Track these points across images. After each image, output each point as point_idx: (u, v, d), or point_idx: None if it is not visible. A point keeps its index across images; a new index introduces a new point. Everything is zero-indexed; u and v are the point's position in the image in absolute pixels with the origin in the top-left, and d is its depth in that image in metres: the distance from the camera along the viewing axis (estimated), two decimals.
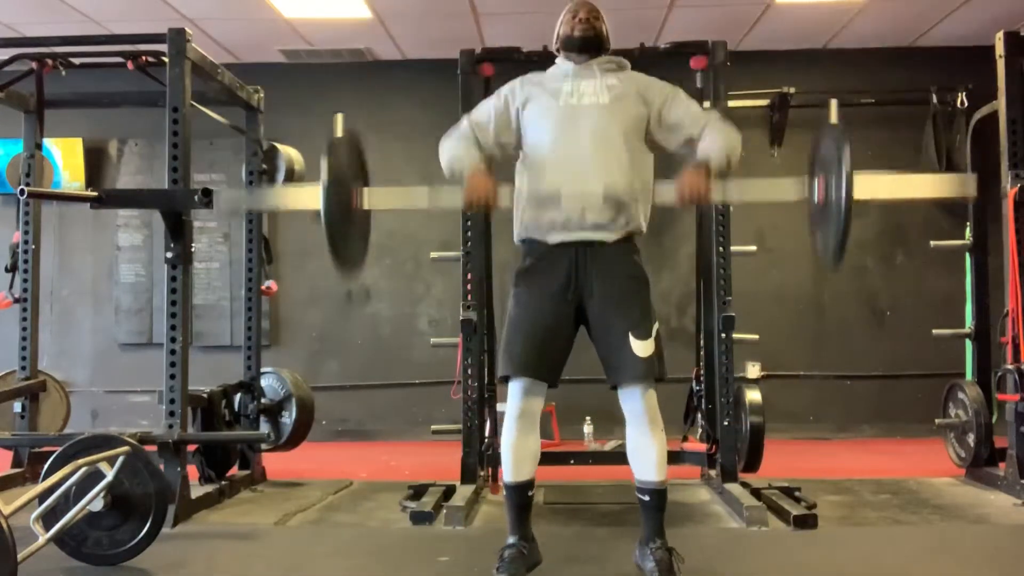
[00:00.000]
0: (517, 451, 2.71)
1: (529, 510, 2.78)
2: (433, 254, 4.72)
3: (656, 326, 2.74)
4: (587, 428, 5.90)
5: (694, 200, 2.70)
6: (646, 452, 2.69)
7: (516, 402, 2.71)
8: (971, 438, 4.46)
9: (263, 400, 4.71)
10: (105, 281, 6.71)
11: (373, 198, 2.75)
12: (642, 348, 2.67)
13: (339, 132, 2.66)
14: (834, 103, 2.64)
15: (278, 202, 3.56)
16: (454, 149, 2.83)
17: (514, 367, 2.70)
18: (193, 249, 3.92)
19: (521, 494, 2.74)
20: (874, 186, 2.62)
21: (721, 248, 4.10)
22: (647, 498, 2.71)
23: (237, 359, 4.76)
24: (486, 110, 2.90)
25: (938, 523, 3.65)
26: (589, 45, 2.86)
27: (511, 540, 2.73)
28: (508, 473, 2.74)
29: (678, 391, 4.37)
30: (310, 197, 2.58)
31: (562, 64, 2.90)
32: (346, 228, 2.69)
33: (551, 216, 2.73)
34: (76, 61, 4.33)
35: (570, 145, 2.74)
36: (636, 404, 2.68)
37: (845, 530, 3.51)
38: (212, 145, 6.29)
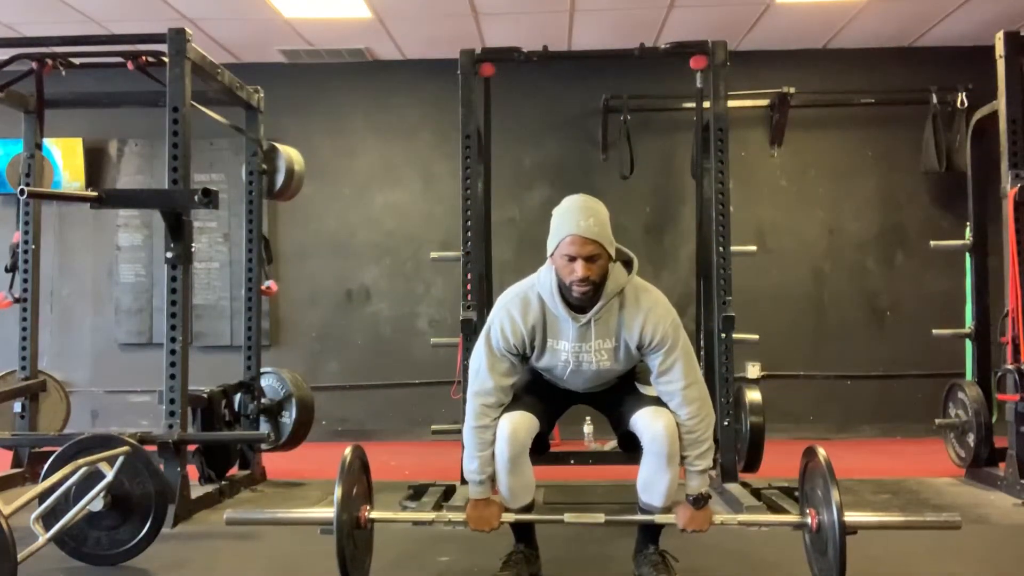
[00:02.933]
0: (513, 483, 2.71)
1: (532, 526, 2.84)
2: (433, 254, 4.72)
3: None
4: (587, 428, 5.89)
5: (695, 531, 2.67)
6: (657, 484, 2.67)
7: (505, 432, 2.65)
8: (971, 438, 4.46)
9: (263, 400, 4.71)
10: (105, 281, 6.71)
11: (378, 515, 2.77)
12: (647, 390, 2.73)
13: (348, 458, 2.64)
14: (821, 451, 2.62)
15: (288, 517, 3.63)
16: (471, 456, 2.71)
17: (512, 406, 2.71)
18: (193, 249, 3.92)
19: (522, 512, 2.76)
20: (864, 522, 2.74)
21: (721, 248, 4.10)
22: (648, 516, 2.72)
23: (237, 359, 4.77)
24: (496, 363, 2.68)
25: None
26: (586, 304, 2.59)
27: (518, 547, 2.80)
28: (507, 502, 2.74)
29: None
30: (323, 513, 2.65)
31: (559, 305, 2.61)
32: (354, 545, 2.67)
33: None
34: (76, 61, 4.33)
35: (574, 380, 2.78)
36: (656, 429, 2.60)
37: None
38: (212, 145, 6.29)
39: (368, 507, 2.73)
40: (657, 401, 2.68)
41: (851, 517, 2.58)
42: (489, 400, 2.68)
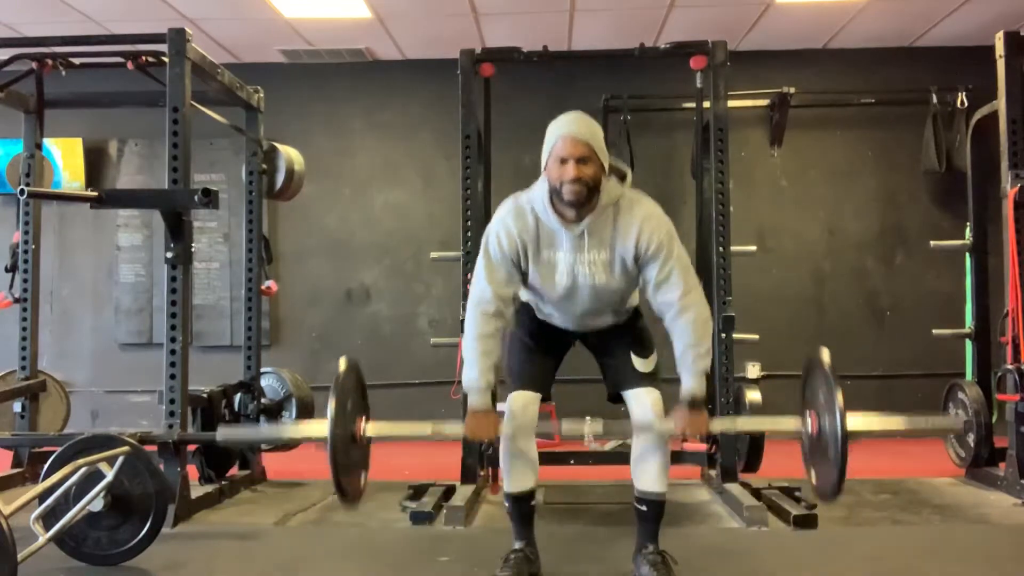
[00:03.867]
0: (516, 464, 2.75)
1: (532, 519, 2.82)
2: (433, 254, 4.72)
3: (656, 356, 2.80)
4: (587, 428, 5.90)
5: (693, 437, 2.74)
6: (649, 463, 2.71)
7: (511, 412, 2.72)
8: (971, 438, 4.46)
9: (263, 400, 4.71)
10: (105, 281, 6.71)
11: (376, 428, 2.81)
12: (643, 364, 2.76)
13: (343, 367, 2.67)
14: (825, 351, 2.64)
15: (282, 435, 3.65)
16: (471, 360, 2.69)
17: (515, 383, 2.79)
18: (193, 249, 3.91)
19: (523, 504, 2.78)
20: (866, 423, 2.77)
21: (721, 248, 4.10)
22: (644, 508, 2.73)
23: (237, 359, 4.76)
24: (494, 271, 2.68)
25: (938, 523, 3.65)
26: (578, 207, 2.58)
27: (517, 545, 2.78)
28: (509, 485, 2.76)
29: (678, 391, 4.37)
30: (316, 429, 2.66)
31: (552, 222, 2.63)
32: (349, 459, 2.70)
33: (556, 323, 2.87)
34: (76, 61, 4.33)
35: (571, 306, 2.76)
36: (644, 409, 2.70)
37: (845, 530, 3.51)
38: (212, 145, 6.29)
39: (364, 420, 2.74)
40: (649, 379, 2.74)
41: (853, 419, 2.60)
42: (488, 308, 2.66)
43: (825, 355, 2.62)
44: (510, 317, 2.75)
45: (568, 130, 2.56)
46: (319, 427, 2.61)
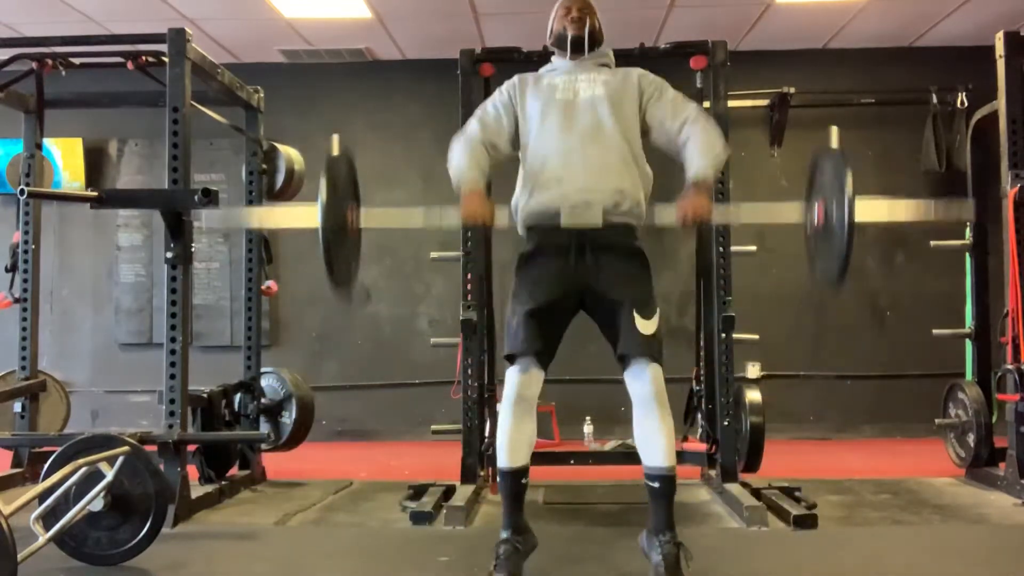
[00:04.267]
0: (513, 436, 2.70)
1: (522, 499, 2.75)
2: (433, 254, 4.72)
3: (658, 311, 2.75)
4: (587, 428, 5.90)
5: (696, 221, 2.71)
6: (654, 437, 2.65)
7: (514, 385, 2.70)
8: (971, 438, 4.46)
9: (263, 400, 4.71)
10: (105, 281, 6.71)
11: (368, 217, 2.82)
12: (645, 326, 2.69)
13: (335, 150, 2.70)
14: (835, 130, 2.67)
15: (274, 220, 3.65)
16: (460, 159, 2.83)
17: (517, 345, 2.72)
18: (193, 249, 3.91)
19: (515, 481, 2.71)
20: (874, 210, 2.76)
21: (721, 248, 4.10)
22: (656, 484, 2.65)
23: (237, 359, 4.76)
24: (492, 106, 2.94)
25: (938, 523, 3.65)
26: (581, 43, 2.91)
27: (504, 535, 2.69)
28: (503, 459, 2.71)
29: (678, 391, 4.37)
30: (306, 215, 2.62)
31: (556, 61, 2.99)
32: (341, 246, 2.71)
33: (555, 206, 2.75)
34: (76, 61, 4.33)
35: (570, 139, 2.79)
36: (644, 384, 2.66)
37: (845, 530, 3.51)
38: (212, 145, 6.29)
39: (355, 208, 2.81)
40: (650, 346, 2.68)
41: (861, 205, 2.66)
42: (475, 136, 2.86)
43: (835, 138, 2.72)
44: (489, 165, 2.86)
45: None
46: (310, 212, 2.64)
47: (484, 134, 2.87)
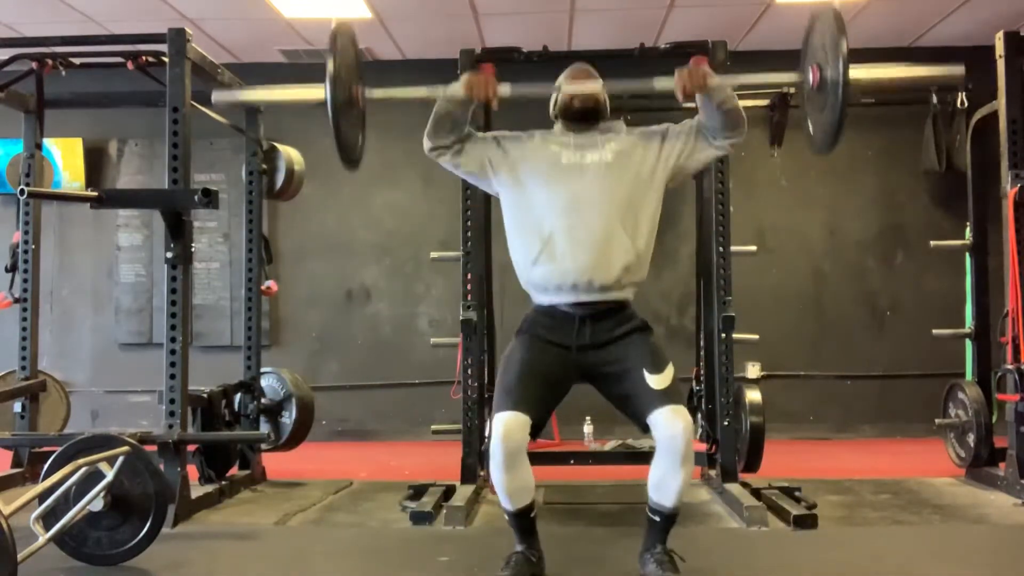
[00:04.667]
0: (508, 485, 2.64)
1: (534, 529, 2.76)
2: (433, 254, 4.72)
3: (672, 370, 2.67)
4: (587, 428, 5.90)
5: (693, 88, 2.71)
6: (670, 484, 2.60)
7: (499, 439, 2.58)
8: (971, 438, 4.46)
9: (263, 400, 4.71)
10: (105, 281, 6.71)
11: (373, 93, 2.96)
12: (657, 381, 2.61)
13: (337, 29, 2.77)
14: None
15: (281, 95, 3.72)
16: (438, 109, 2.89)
17: (504, 401, 2.64)
18: (193, 249, 3.91)
19: (522, 519, 2.72)
20: (868, 71, 2.89)
21: (721, 248, 4.10)
22: (657, 519, 2.67)
23: (237, 359, 4.76)
24: (480, 137, 2.93)
25: (938, 523, 3.65)
26: (589, 115, 2.80)
27: (519, 548, 2.74)
28: (505, 503, 2.69)
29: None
30: (313, 91, 2.77)
31: (561, 131, 2.86)
32: (349, 119, 2.83)
33: (558, 280, 2.69)
34: (76, 61, 4.33)
35: (576, 213, 2.68)
36: (673, 431, 2.54)
37: (845, 530, 3.51)
38: (212, 145, 6.28)
39: (360, 85, 2.87)
40: (670, 396, 2.60)
41: (855, 68, 2.69)
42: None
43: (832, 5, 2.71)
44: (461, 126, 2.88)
45: (576, 64, 2.95)
46: (317, 89, 2.77)
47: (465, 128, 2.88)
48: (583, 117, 2.78)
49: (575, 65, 2.90)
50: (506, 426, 2.58)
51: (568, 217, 2.68)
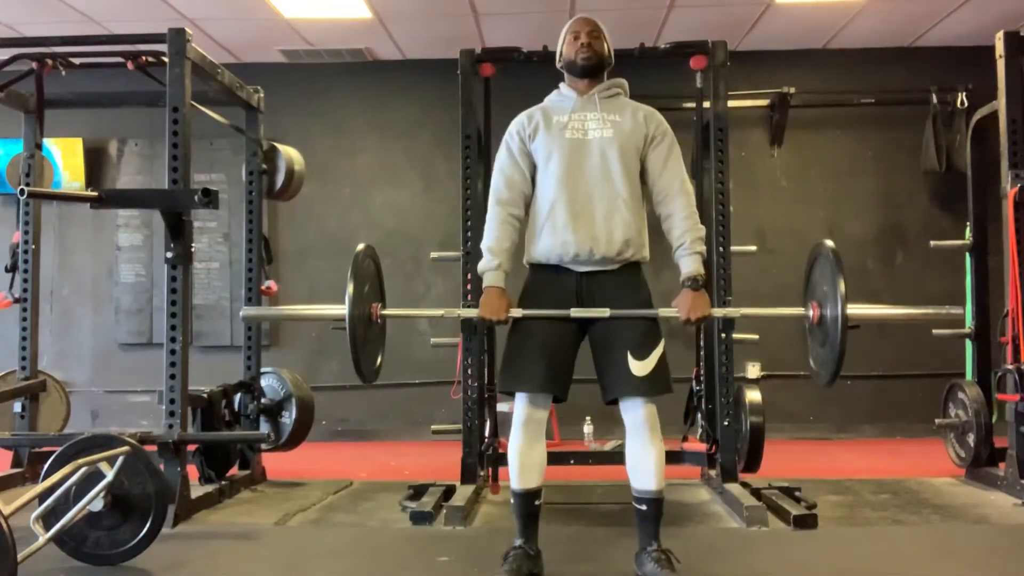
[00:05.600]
0: (523, 459, 2.76)
1: (536, 520, 2.81)
2: (433, 254, 4.72)
3: (662, 345, 2.77)
4: (587, 428, 5.91)
5: (696, 320, 2.80)
6: (644, 461, 2.72)
7: (522, 411, 2.76)
8: (971, 438, 4.46)
9: (263, 400, 4.71)
10: (105, 281, 6.71)
11: (390, 311, 3.04)
12: (639, 368, 2.71)
13: (360, 252, 2.92)
14: (829, 242, 2.92)
15: (305, 312, 4.09)
16: (489, 240, 2.82)
17: (521, 381, 2.76)
18: (193, 249, 3.91)
19: (528, 502, 2.77)
20: (868, 313, 3.01)
21: (721, 248, 4.10)
22: (644, 507, 2.74)
23: (237, 359, 4.76)
24: (511, 158, 2.88)
25: (938, 523, 3.65)
26: (591, 70, 2.92)
27: (518, 542, 2.77)
28: (515, 481, 2.77)
29: (678, 391, 4.36)
30: (334, 309, 2.85)
31: (565, 92, 2.95)
32: (366, 339, 2.90)
33: (559, 251, 2.78)
34: (76, 61, 4.33)
35: (578, 184, 2.78)
36: (636, 414, 2.73)
37: (845, 530, 3.51)
38: (212, 145, 6.29)
39: (379, 304, 2.96)
40: (645, 384, 2.71)
41: (853, 310, 2.79)
42: (503, 196, 2.84)
43: (828, 244, 2.88)
44: (523, 217, 2.86)
45: (579, 16, 3.04)
46: (338, 307, 2.82)
47: (511, 194, 2.84)
48: (585, 73, 2.92)
49: (578, 16, 3.03)
50: (531, 403, 2.75)
51: (568, 190, 2.78)
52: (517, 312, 2.76)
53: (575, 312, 2.74)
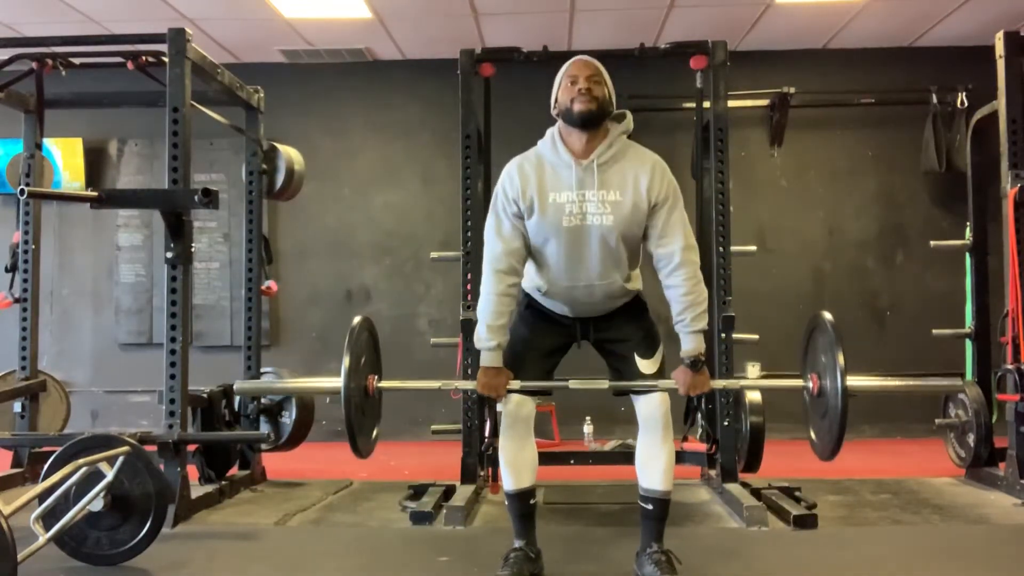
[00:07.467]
0: (514, 460, 2.77)
1: (533, 520, 2.82)
2: (433, 254, 4.72)
3: (661, 352, 2.81)
4: (587, 428, 5.90)
5: (696, 393, 2.79)
6: (656, 460, 2.72)
7: (508, 412, 2.76)
8: (971, 438, 4.46)
9: (263, 400, 4.71)
10: (105, 281, 6.71)
11: (387, 384, 2.96)
12: (647, 366, 2.76)
13: (357, 324, 2.85)
14: (827, 315, 2.91)
15: (299, 386, 4.02)
16: (485, 314, 2.71)
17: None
18: (193, 249, 3.91)
19: (523, 502, 2.78)
20: (866, 383, 3.01)
21: (721, 248, 4.11)
22: (650, 507, 2.73)
23: (237, 359, 4.77)
24: (505, 220, 2.70)
25: (938, 523, 3.65)
26: (589, 122, 2.65)
27: (518, 544, 2.78)
28: (508, 482, 2.78)
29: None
30: (330, 382, 2.78)
31: (561, 151, 2.68)
32: (362, 412, 2.83)
33: (559, 310, 2.83)
34: (76, 61, 4.33)
35: (576, 273, 2.71)
36: (653, 412, 2.72)
37: (845, 530, 3.51)
38: (212, 145, 6.29)
39: (376, 377, 2.89)
40: (654, 380, 2.74)
41: (852, 382, 2.79)
42: (500, 265, 2.69)
43: (827, 317, 2.82)
44: (523, 274, 2.79)
45: (578, 58, 2.75)
46: (333, 380, 2.73)
47: (509, 260, 2.69)
48: (585, 124, 2.65)
49: (576, 58, 2.76)
50: (512, 402, 2.75)
51: (567, 278, 2.73)
52: (515, 384, 2.72)
53: (573, 384, 2.77)
